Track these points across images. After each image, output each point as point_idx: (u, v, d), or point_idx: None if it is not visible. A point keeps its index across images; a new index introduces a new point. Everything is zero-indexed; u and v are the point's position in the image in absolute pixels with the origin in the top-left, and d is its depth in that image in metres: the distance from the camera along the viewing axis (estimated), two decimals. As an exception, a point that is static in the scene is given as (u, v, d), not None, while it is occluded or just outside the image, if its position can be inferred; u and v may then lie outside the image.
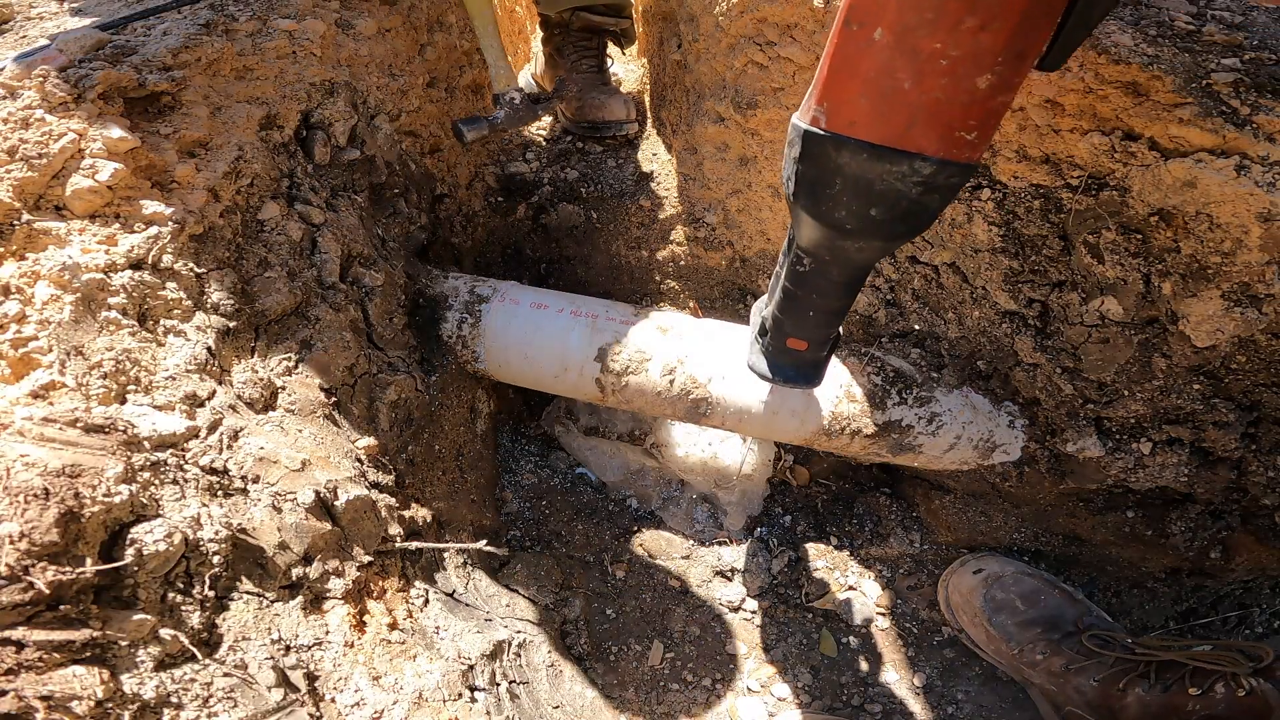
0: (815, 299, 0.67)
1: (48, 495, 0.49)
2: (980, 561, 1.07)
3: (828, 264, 0.63)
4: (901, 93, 0.48)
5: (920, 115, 0.49)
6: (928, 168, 0.51)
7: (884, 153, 0.51)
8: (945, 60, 0.46)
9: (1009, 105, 0.51)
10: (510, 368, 1.07)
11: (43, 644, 0.46)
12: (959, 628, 1.06)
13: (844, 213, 0.56)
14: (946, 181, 0.52)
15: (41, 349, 0.59)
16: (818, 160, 0.55)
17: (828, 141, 0.53)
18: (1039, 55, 0.48)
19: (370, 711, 0.64)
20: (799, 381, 0.76)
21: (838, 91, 0.51)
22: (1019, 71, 0.48)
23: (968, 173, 0.52)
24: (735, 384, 0.99)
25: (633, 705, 1.02)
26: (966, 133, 0.50)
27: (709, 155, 1.16)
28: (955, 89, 0.47)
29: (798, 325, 0.71)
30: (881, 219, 0.55)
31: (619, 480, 1.27)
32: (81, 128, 0.71)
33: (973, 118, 0.49)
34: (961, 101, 0.48)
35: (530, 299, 1.05)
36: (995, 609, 0.99)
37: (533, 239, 1.38)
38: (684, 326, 1.02)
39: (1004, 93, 0.48)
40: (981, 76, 0.47)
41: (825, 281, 0.65)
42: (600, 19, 1.38)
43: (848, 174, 0.53)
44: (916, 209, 0.54)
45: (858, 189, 0.54)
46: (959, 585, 1.05)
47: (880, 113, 0.50)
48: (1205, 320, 0.77)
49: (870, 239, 0.58)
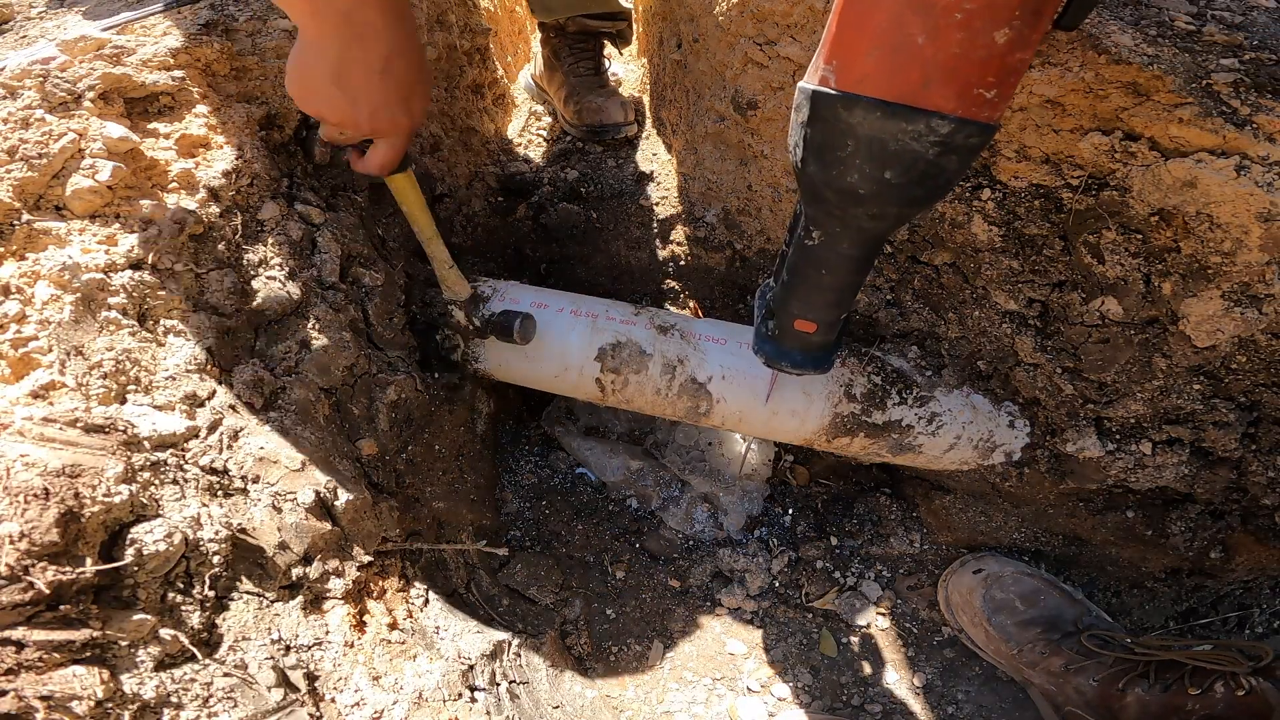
0: (825, 275, 0.64)
1: (48, 495, 0.49)
2: (980, 561, 1.07)
3: (838, 235, 0.60)
4: (915, 48, 0.47)
5: (936, 72, 0.47)
6: (946, 126, 0.49)
7: (899, 110, 0.49)
8: (960, 14, 0.45)
9: (1028, 63, 0.49)
10: (510, 368, 1.07)
11: (43, 644, 0.46)
12: (959, 628, 1.06)
13: (856, 176, 0.53)
14: (966, 141, 0.50)
15: (41, 349, 0.59)
16: (827, 121, 0.53)
17: (838, 101, 0.51)
18: (1055, 12, 0.47)
19: (370, 711, 0.64)
20: (807, 366, 0.73)
21: (847, 48, 0.50)
22: (1036, 28, 0.47)
23: (988, 133, 0.51)
24: (736, 383, 0.99)
25: (633, 705, 1.02)
26: (986, 90, 0.48)
27: (709, 155, 1.16)
28: (972, 44, 0.46)
29: (806, 305, 0.68)
30: (897, 182, 0.53)
31: (619, 480, 1.27)
32: (81, 128, 0.71)
33: (991, 74, 0.48)
34: (979, 57, 0.47)
35: (531, 298, 1.05)
36: (994, 609, 0.99)
37: (533, 239, 1.38)
38: (685, 326, 1.02)
39: (1022, 49, 0.47)
40: (999, 30, 0.45)
41: (835, 256, 0.62)
42: (596, 23, 1.38)
43: (860, 134, 0.51)
44: (934, 171, 0.52)
45: (871, 150, 0.52)
46: (959, 585, 1.05)
47: (893, 68, 0.48)
48: (1205, 320, 0.77)
49: (885, 205, 0.55)
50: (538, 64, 1.53)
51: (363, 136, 0.80)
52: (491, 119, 1.42)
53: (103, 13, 0.88)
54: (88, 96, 0.73)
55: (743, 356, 0.99)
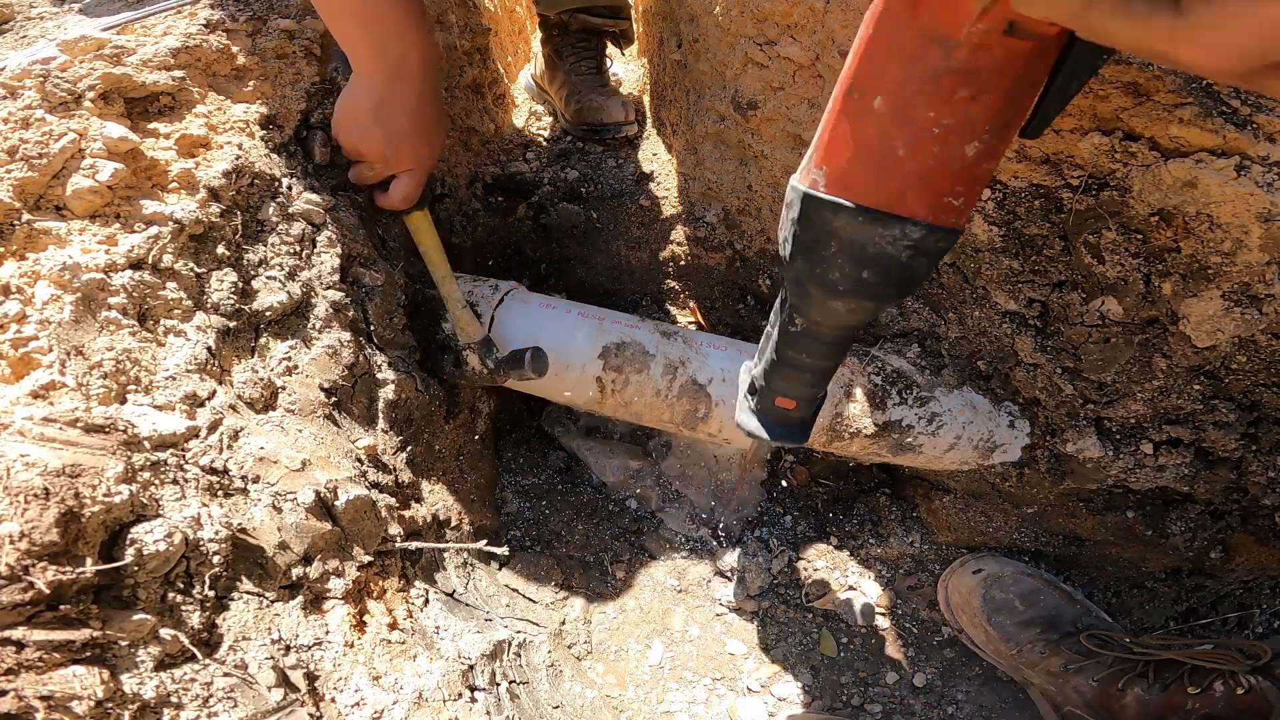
0: (805, 359, 0.70)
1: (48, 495, 0.49)
2: (979, 562, 1.07)
3: (819, 324, 0.65)
4: (897, 159, 0.50)
5: (913, 181, 0.51)
6: (917, 232, 0.52)
7: (878, 216, 0.53)
8: (938, 129, 0.48)
9: (992, 173, 0.52)
10: None
11: (43, 644, 0.46)
12: (958, 628, 1.06)
13: (838, 274, 0.57)
14: (934, 246, 0.54)
15: (42, 349, 0.59)
16: (815, 222, 0.56)
17: (826, 205, 0.55)
18: (1022, 123, 0.51)
19: (370, 711, 0.64)
20: (786, 438, 0.79)
21: (837, 156, 0.53)
22: (1004, 140, 0.50)
23: (953, 237, 0.54)
24: (735, 387, 0.99)
25: (633, 705, 1.02)
26: (954, 198, 0.52)
27: (709, 155, 1.16)
28: (946, 156, 0.49)
29: (788, 385, 0.74)
30: (872, 281, 0.57)
31: (619, 480, 1.27)
32: (81, 128, 0.71)
33: (960, 184, 0.51)
34: (951, 168, 0.50)
35: (538, 301, 1.07)
36: (994, 609, 0.99)
37: (533, 239, 1.38)
38: (687, 333, 1.04)
39: (989, 160, 0.51)
40: (970, 144, 0.49)
41: (815, 342, 0.68)
42: (599, 21, 1.38)
43: (843, 236, 0.55)
44: (905, 273, 0.56)
45: (852, 251, 0.55)
46: (958, 585, 1.05)
47: (877, 177, 0.52)
48: (1205, 320, 0.77)
49: (862, 300, 0.60)
50: (538, 64, 1.53)
51: (390, 171, 0.91)
52: (491, 119, 1.42)
53: (103, 13, 0.88)
54: (88, 96, 0.73)
55: (742, 361, 0.99)
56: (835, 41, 0.84)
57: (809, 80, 0.93)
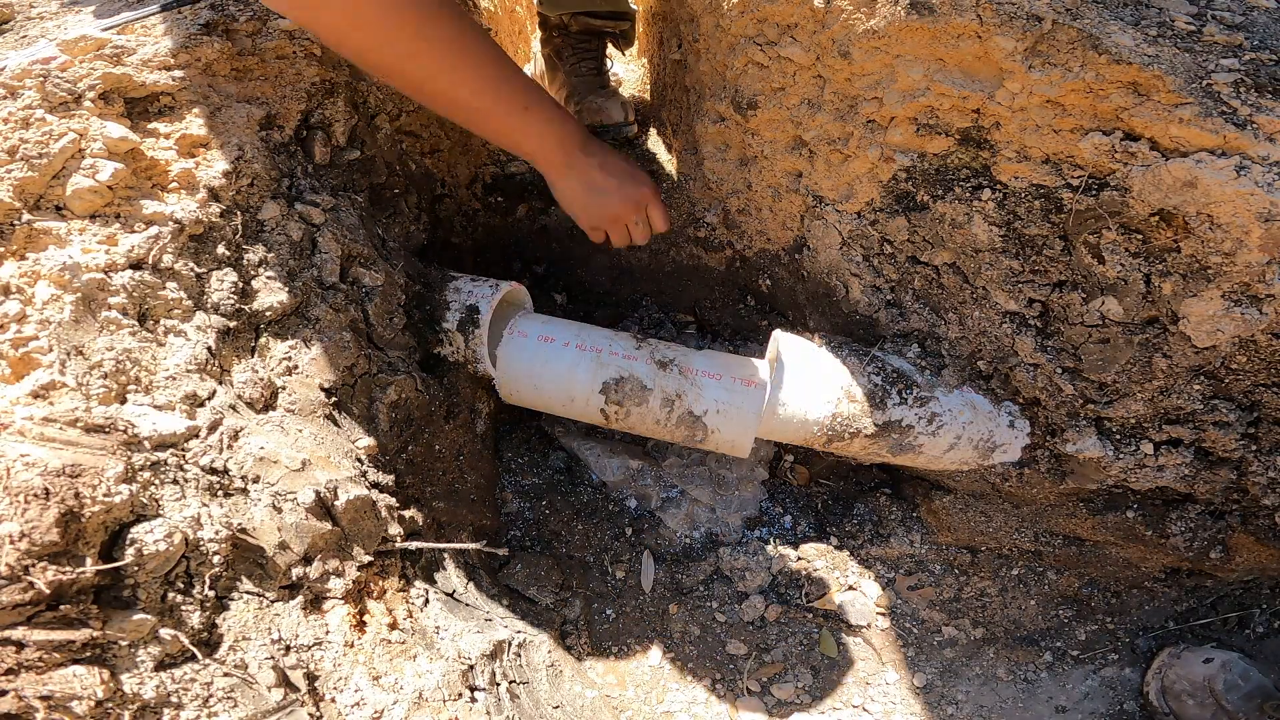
0: None
1: (48, 495, 0.49)
2: (1206, 652, 1.06)
3: None
4: None
5: None
6: None
7: None
8: None
9: None
10: (522, 394, 1.10)
11: (43, 644, 0.46)
12: (1167, 710, 1.04)
13: None
14: None
15: (42, 349, 0.59)
16: None
17: None
18: None
19: (370, 711, 0.64)
20: None
21: None
22: None
23: None
24: (728, 417, 1.02)
25: (633, 705, 1.02)
26: None
27: (709, 155, 1.16)
28: None
29: None
30: None
31: (619, 480, 1.27)
32: (82, 128, 0.71)
33: None
34: None
35: (538, 331, 1.09)
36: (1227, 688, 1.00)
37: (533, 239, 1.38)
38: (684, 361, 1.05)
39: None
40: None
41: None
42: (600, 22, 1.38)
43: None
44: None
45: None
46: (1187, 674, 1.04)
47: None
48: (1205, 320, 0.77)
49: None
50: (538, 64, 1.53)
51: (646, 204, 1.01)
52: (491, 119, 1.42)
53: (103, 12, 0.88)
54: (88, 96, 0.73)
55: (735, 392, 1.02)
56: (835, 42, 0.84)
57: (809, 80, 0.93)
